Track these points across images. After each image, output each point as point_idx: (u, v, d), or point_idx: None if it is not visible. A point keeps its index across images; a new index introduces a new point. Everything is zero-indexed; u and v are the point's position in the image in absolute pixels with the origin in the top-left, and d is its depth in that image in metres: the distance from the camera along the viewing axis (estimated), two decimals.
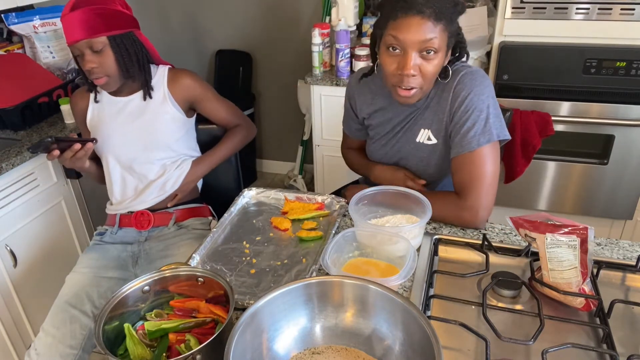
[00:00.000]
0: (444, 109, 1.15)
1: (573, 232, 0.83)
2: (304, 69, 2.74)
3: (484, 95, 1.11)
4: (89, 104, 1.44)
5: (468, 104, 1.11)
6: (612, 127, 1.87)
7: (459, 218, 1.12)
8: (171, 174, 1.43)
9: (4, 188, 1.63)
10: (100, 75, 1.29)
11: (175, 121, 1.41)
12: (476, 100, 1.10)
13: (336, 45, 2.18)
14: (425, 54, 1.04)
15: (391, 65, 1.08)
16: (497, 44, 1.92)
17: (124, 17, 1.29)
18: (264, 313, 0.75)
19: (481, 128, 1.10)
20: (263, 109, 3.19)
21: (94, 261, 1.38)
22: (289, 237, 1.14)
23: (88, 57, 1.26)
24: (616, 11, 1.74)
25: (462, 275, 0.94)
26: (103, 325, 0.79)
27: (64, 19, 1.24)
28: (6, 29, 2.06)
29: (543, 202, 2.12)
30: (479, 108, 1.10)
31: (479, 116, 1.10)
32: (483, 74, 1.14)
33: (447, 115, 1.15)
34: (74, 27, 1.23)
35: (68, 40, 1.26)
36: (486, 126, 1.10)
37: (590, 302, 0.86)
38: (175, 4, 3.02)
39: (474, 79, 1.12)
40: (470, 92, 1.11)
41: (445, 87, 1.15)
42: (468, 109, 1.11)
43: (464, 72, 1.13)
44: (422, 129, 1.21)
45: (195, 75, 1.46)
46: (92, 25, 1.23)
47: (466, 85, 1.11)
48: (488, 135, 1.10)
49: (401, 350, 0.74)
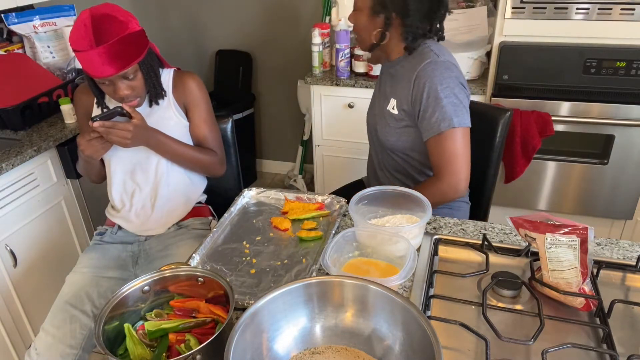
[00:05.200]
0: (408, 87, 1.26)
1: (573, 232, 0.83)
2: (304, 69, 2.74)
3: (442, 85, 1.21)
4: (94, 104, 1.42)
5: (429, 92, 1.21)
6: (612, 127, 1.87)
7: (443, 195, 1.25)
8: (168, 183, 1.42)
9: (4, 188, 1.63)
10: (133, 99, 1.27)
11: (178, 127, 1.40)
12: (434, 89, 1.21)
13: (336, 45, 2.18)
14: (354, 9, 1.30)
15: None
16: (497, 44, 1.92)
17: (142, 35, 1.24)
18: (264, 313, 0.75)
19: (441, 115, 1.21)
20: (263, 109, 3.19)
21: (94, 261, 1.38)
22: (289, 237, 1.14)
23: (121, 85, 1.23)
24: (616, 11, 1.74)
25: (462, 275, 0.94)
26: (103, 325, 0.79)
27: (84, 54, 1.15)
28: (6, 29, 2.06)
29: (543, 202, 2.12)
30: (438, 97, 1.21)
31: (438, 104, 1.21)
32: (447, 66, 1.23)
33: (410, 96, 1.26)
34: (100, 63, 1.16)
35: (96, 75, 1.19)
36: (445, 113, 1.20)
37: (590, 302, 0.86)
38: (175, 4, 3.02)
39: (435, 69, 1.22)
40: (431, 80, 1.21)
41: (413, 66, 1.26)
42: (429, 96, 1.22)
43: (429, 60, 1.23)
44: (391, 97, 1.33)
45: (200, 81, 1.43)
46: (122, 57, 1.18)
47: (428, 73, 1.22)
48: (448, 121, 1.20)
49: (401, 350, 0.74)
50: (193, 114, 1.42)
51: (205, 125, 1.43)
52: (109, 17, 1.17)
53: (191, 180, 1.47)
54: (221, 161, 1.48)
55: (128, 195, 1.43)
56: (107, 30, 1.15)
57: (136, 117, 1.26)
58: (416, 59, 1.26)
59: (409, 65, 1.28)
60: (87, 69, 1.20)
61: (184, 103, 1.41)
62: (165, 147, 1.35)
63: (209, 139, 1.44)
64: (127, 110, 1.24)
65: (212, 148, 1.45)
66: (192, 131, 1.43)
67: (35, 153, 1.70)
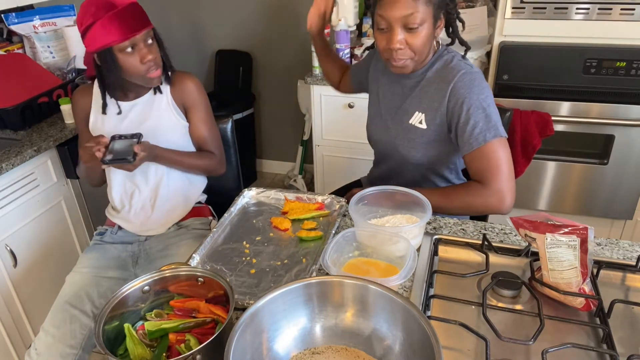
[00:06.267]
0: (442, 100, 1.19)
1: (573, 232, 0.83)
2: (304, 69, 2.74)
3: (482, 95, 1.15)
4: (92, 105, 1.42)
5: (470, 104, 1.14)
6: (612, 127, 1.87)
7: (486, 204, 1.14)
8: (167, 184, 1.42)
9: (4, 188, 1.63)
10: (156, 67, 1.30)
11: (177, 128, 1.40)
12: (475, 99, 1.14)
13: (336, 45, 2.18)
14: (409, 29, 1.12)
15: (381, 42, 1.17)
16: (497, 44, 1.92)
17: None
18: (264, 313, 0.75)
19: (486, 125, 1.13)
20: (263, 109, 3.19)
21: (94, 261, 1.38)
22: (289, 237, 1.14)
23: (144, 49, 1.26)
24: (616, 11, 1.74)
25: (462, 275, 0.94)
26: (103, 325, 0.79)
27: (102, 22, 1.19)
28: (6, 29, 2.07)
29: (543, 202, 2.12)
30: (480, 106, 1.14)
31: (481, 114, 1.14)
32: (482, 77, 1.19)
33: (445, 108, 1.19)
34: (124, 24, 1.20)
35: (123, 37, 1.21)
36: (490, 122, 1.14)
37: (590, 302, 0.86)
38: (175, 4, 3.02)
39: (473, 79, 1.16)
40: (470, 91, 1.15)
41: (444, 78, 1.19)
42: (469, 107, 1.14)
43: (464, 70, 1.17)
44: (416, 111, 1.25)
45: (198, 82, 1.43)
46: (141, 19, 1.24)
47: (466, 84, 1.15)
48: (494, 131, 1.13)
49: (401, 350, 0.74)
50: (192, 115, 1.42)
51: (205, 127, 1.44)
52: None
53: (190, 180, 1.47)
54: (220, 162, 1.48)
55: (127, 196, 1.43)
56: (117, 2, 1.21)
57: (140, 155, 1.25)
58: (445, 69, 1.20)
59: (436, 76, 1.21)
60: (108, 37, 1.20)
61: (183, 104, 1.41)
62: (165, 160, 1.38)
63: (208, 140, 1.45)
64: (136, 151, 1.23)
65: (211, 149, 1.46)
66: (192, 132, 1.44)
67: (35, 153, 1.70)
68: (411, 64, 1.18)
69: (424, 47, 1.16)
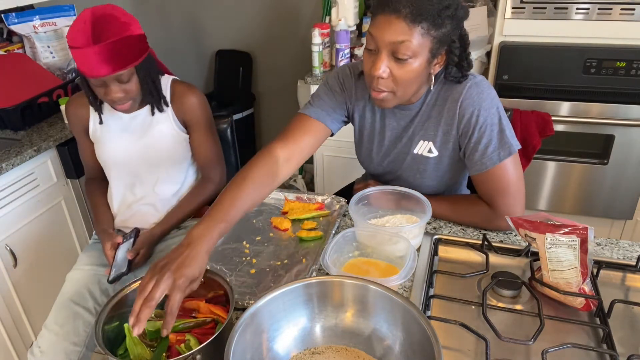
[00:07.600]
0: (451, 122, 1.09)
1: (573, 232, 0.83)
2: (304, 69, 2.73)
3: (493, 109, 1.06)
4: (90, 115, 1.38)
5: (480, 120, 1.05)
6: (612, 127, 1.87)
7: (494, 226, 1.11)
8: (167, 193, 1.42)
9: (4, 188, 1.63)
10: (124, 102, 1.24)
11: (177, 140, 1.38)
12: (486, 114, 1.05)
13: (336, 45, 2.18)
14: (398, 58, 0.97)
15: (367, 64, 1.02)
16: (497, 44, 1.92)
17: (142, 39, 1.22)
18: (264, 313, 0.75)
19: (498, 142, 1.06)
20: (263, 109, 3.19)
21: (94, 259, 1.38)
22: (289, 237, 1.14)
23: (114, 87, 1.20)
24: (616, 11, 1.74)
25: (462, 275, 0.94)
26: (103, 325, 0.79)
27: (81, 51, 1.13)
28: (6, 29, 2.06)
29: (543, 202, 2.12)
30: (493, 122, 1.06)
31: (494, 131, 1.06)
32: (488, 84, 1.09)
33: (456, 129, 1.09)
34: (96, 62, 1.13)
35: (89, 74, 1.16)
36: (503, 139, 1.06)
37: (590, 302, 0.86)
38: (175, 4, 3.02)
39: (480, 92, 1.06)
40: (480, 107, 1.05)
41: (449, 97, 1.08)
42: (481, 125, 1.05)
43: (469, 84, 1.07)
44: (421, 140, 1.15)
45: (201, 97, 1.39)
46: (118, 59, 1.15)
47: (474, 99, 1.05)
48: (508, 148, 1.05)
49: (401, 350, 0.74)
50: (193, 131, 1.40)
51: (206, 144, 1.42)
52: (110, 17, 1.16)
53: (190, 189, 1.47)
54: (220, 181, 1.46)
55: (127, 205, 1.43)
56: (107, 30, 1.14)
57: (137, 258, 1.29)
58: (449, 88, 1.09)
59: (437, 98, 1.11)
60: (81, 67, 1.17)
61: (184, 120, 1.39)
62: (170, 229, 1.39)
63: (209, 159, 1.44)
64: (129, 258, 1.26)
65: (210, 166, 1.44)
66: (192, 147, 1.43)
67: (35, 153, 1.70)
68: (393, 99, 1.04)
69: (410, 84, 1.01)
